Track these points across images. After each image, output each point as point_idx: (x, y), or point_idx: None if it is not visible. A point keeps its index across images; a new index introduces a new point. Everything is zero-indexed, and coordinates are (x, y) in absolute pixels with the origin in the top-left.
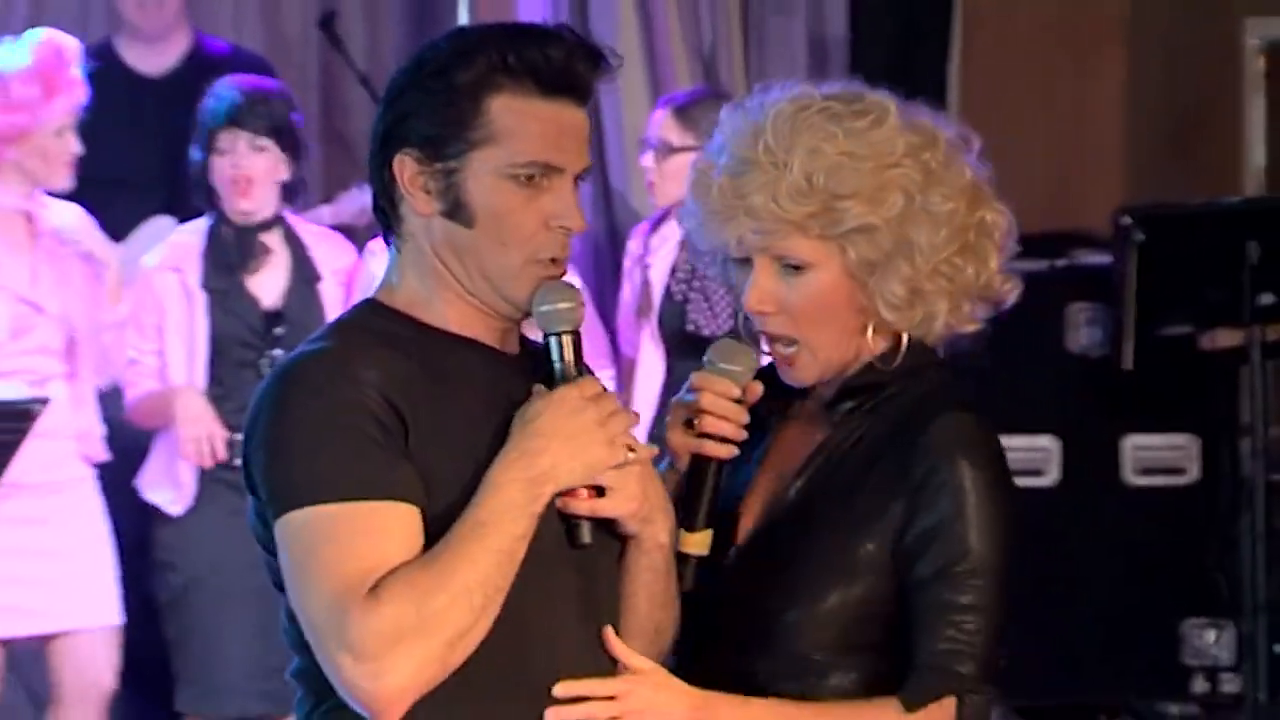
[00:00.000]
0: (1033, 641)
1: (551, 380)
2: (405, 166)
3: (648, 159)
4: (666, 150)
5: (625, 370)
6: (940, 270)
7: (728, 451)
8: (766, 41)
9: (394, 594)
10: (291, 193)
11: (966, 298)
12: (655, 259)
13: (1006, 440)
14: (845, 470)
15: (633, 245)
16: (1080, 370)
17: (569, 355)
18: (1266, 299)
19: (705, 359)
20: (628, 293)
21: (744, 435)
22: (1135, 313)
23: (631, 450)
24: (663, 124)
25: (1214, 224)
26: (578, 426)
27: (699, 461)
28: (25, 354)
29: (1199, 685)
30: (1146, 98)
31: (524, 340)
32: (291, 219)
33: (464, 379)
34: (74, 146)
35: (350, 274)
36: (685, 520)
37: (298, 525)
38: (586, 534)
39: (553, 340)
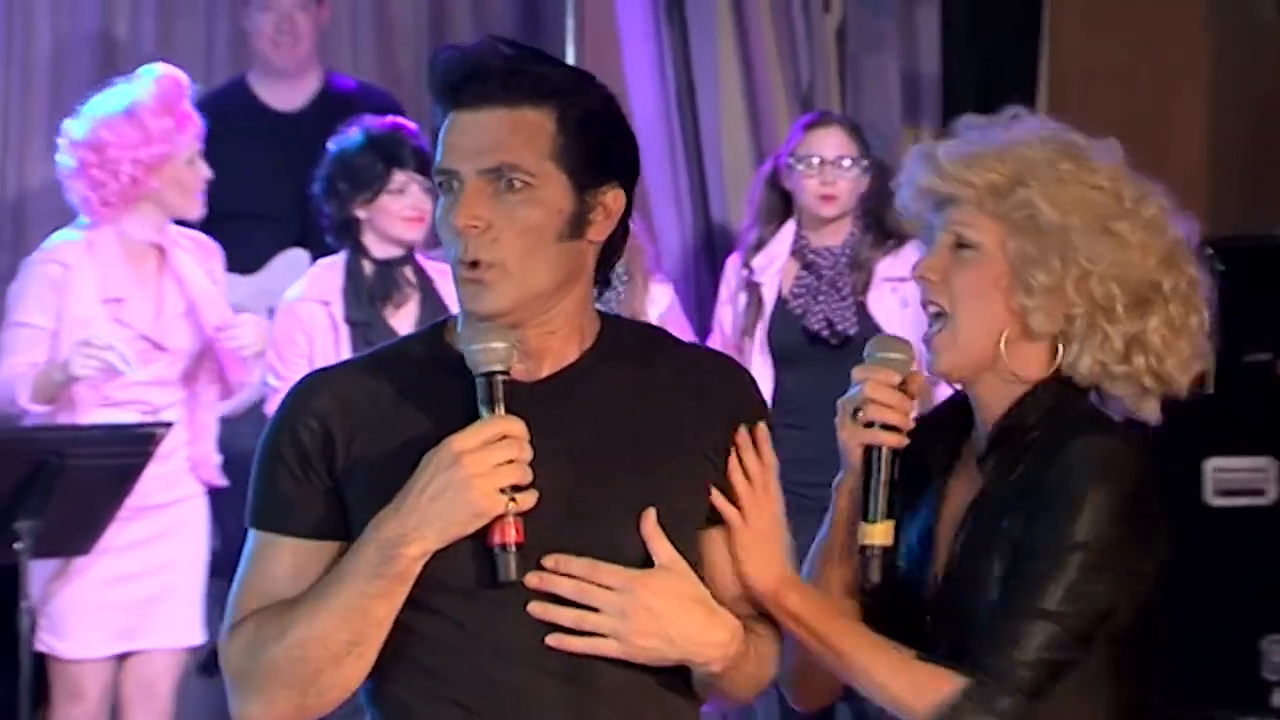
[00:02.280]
0: None
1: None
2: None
3: (821, 176)
4: (844, 164)
5: None
6: (1094, 294)
7: (897, 439)
8: (861, 78)
9: (241, 634)
10: None
11: (1121, 350)
12: (765, 277)
13: None
14: (998, 520)
15: (730, 272)
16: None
17: (487, 396)
18: None
19: (865, 352)
20: (728, 318)
21: (911, 423)
22: (1217, 339)
23: (514, 499)
24: (838, 141)
25: None
26: (447, 481)
27: (871, 452)
28: (140, 385)
29: (1279, 700)
30: (1229, 131)
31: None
32: (417, 256)
33: (443, 405)
34: (205, 174)
35: None
36: (865, 512)
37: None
38: (511, 571)
39: (479, 381)
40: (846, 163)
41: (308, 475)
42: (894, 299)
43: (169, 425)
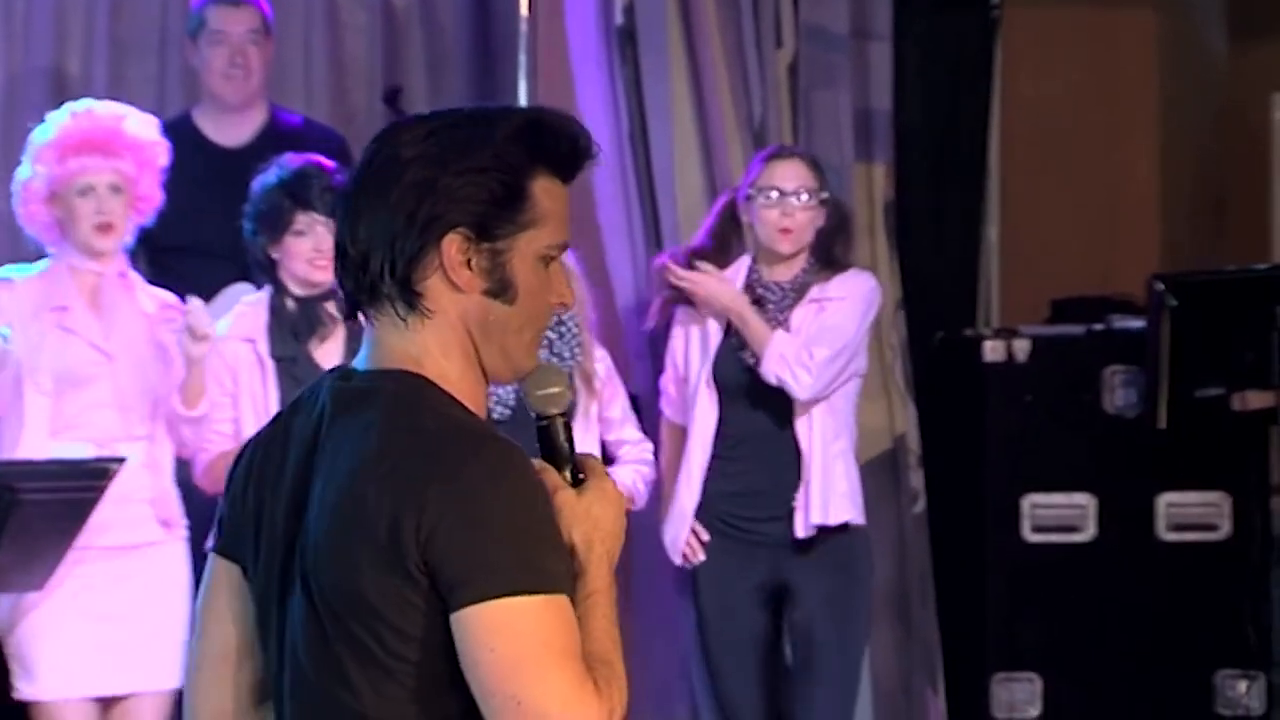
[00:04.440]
0: (1070, 692)
1: (553, 459)
2: (453, 246)
3: (780, 208)
4: (802, 196)
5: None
6: None
7: None
8: (813, 114)
9: (606, 691)
10: None
11: None
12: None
13: (1046, 497)
14: None
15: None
16: (1116, 430)
17: (563, 437)
18: None
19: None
20: (680, 354)
21: None
22: (1169, 375)
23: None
24: (797, 174)
25: (1245, 290)
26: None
27: None
28: (89, 409)
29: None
30: (1180, 169)
31: None
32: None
33: None
34: (98, 207)
35: None
36: None
37: (527, 609)
38: None
39: (558, 422)
40: (805, 196)
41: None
42: (815, 317)
43: (122, 460)
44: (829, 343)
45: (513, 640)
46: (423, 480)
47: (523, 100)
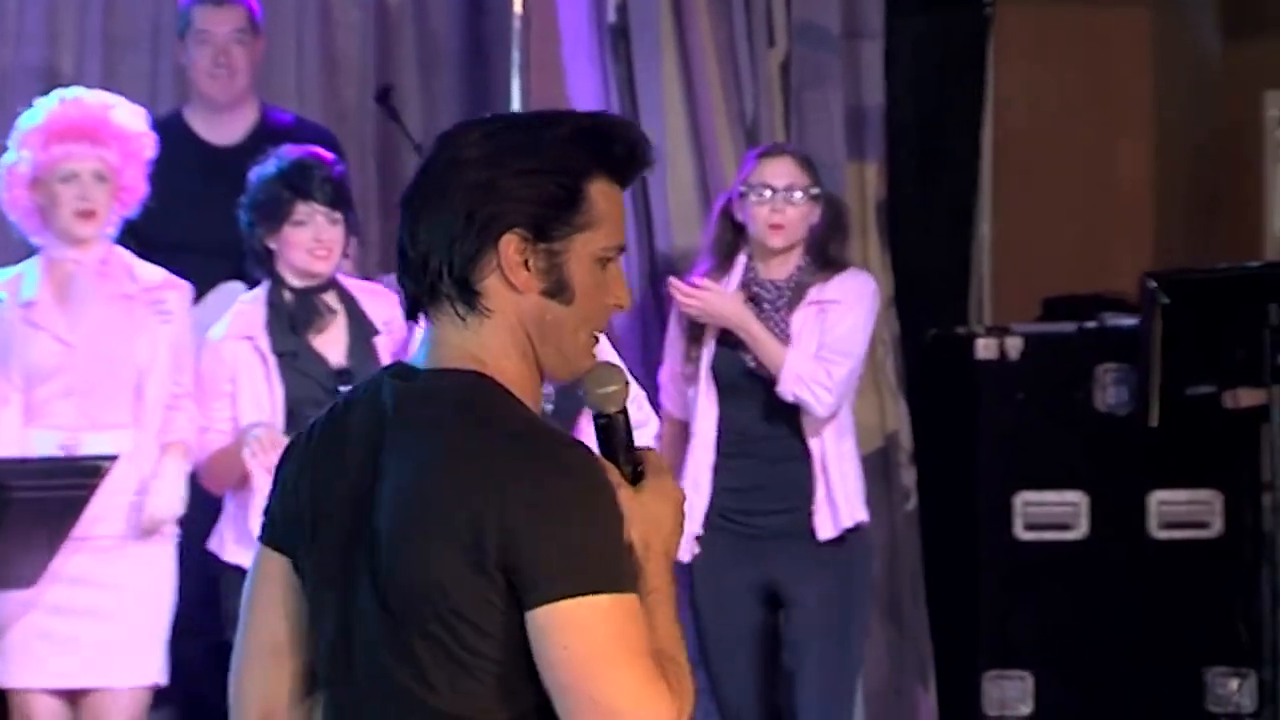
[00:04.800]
0: (1061, 689)
1: (612, 456)
2: (511, 246)
3: (771, 205)
4: (794, 194)
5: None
6: None
7: None
8: (805, 112)
9: (676, 689)
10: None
11: None
12: None
13: (1037, 495)
14: None
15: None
16: (1108, 428)
17: (623, 434)
18: None
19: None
20: (678, 349)
21: None
22: (1161, 373)
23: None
24: (789, 171)
25: (1236, 288)
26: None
27: None
28: (54, 400)
29: None
30: (1172, 167)
31: None
32: (339, 277)
33: None
34: (80, 193)
35: (401, 325)
36: None
37: (601, 608)
38: None
39: (618, 419)
40: (797, 194)
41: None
42: (816, 320)
43: (114, 458)
44: (842, 355)
45: (587, 639)
46: (501, 480)
47: (515, 97)
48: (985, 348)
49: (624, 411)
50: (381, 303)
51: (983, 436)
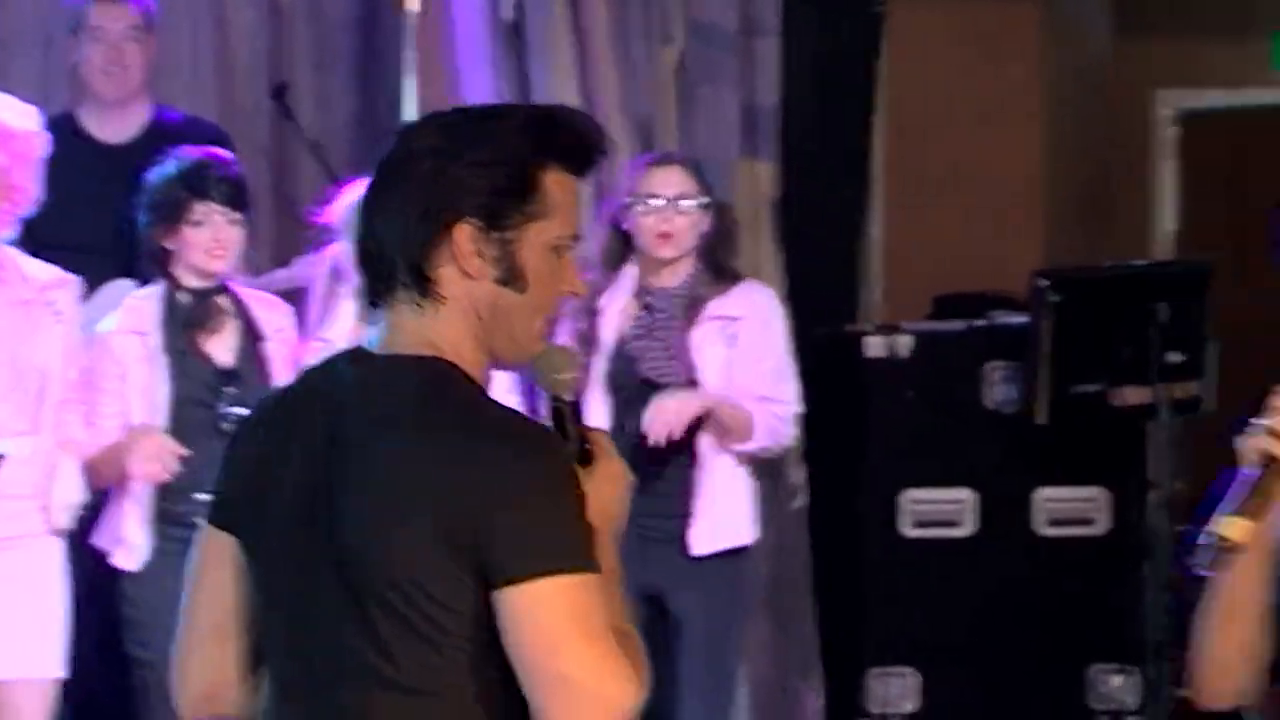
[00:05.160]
0: (946, 686)
1: (565, 438)
2: (463, 235)
3: (659, 215)
4: (682, 203)
5: None
6: None
7: None
8: (699, 110)
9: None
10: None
11: None
12: (605, 317)
13: (924, 493)
14: None
15: (567, 308)
16: (996, 426)
17: (572, 418)
18: (1174, 358)
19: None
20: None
21: None
22: (1049, 371)
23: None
24: (677, 180)
25: (1125, 286)
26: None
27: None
28: None
29: None
30: (1062, 166)
31: None
32: (231, 283)
33: None
34: None
35: (291, 334)
36: (1238, 510)
37: (567, 587)
38: None
39: (571, 402)
40: (686, 202)
41: None
42: (720, 336)
43: (2, 457)
44: (787, 393)
45: (554, 616)
46: (469, 462)
47: (409, 95)
48: (875, 346)
49: (576, 396)
50: (274, 311)
51: (872, 434)
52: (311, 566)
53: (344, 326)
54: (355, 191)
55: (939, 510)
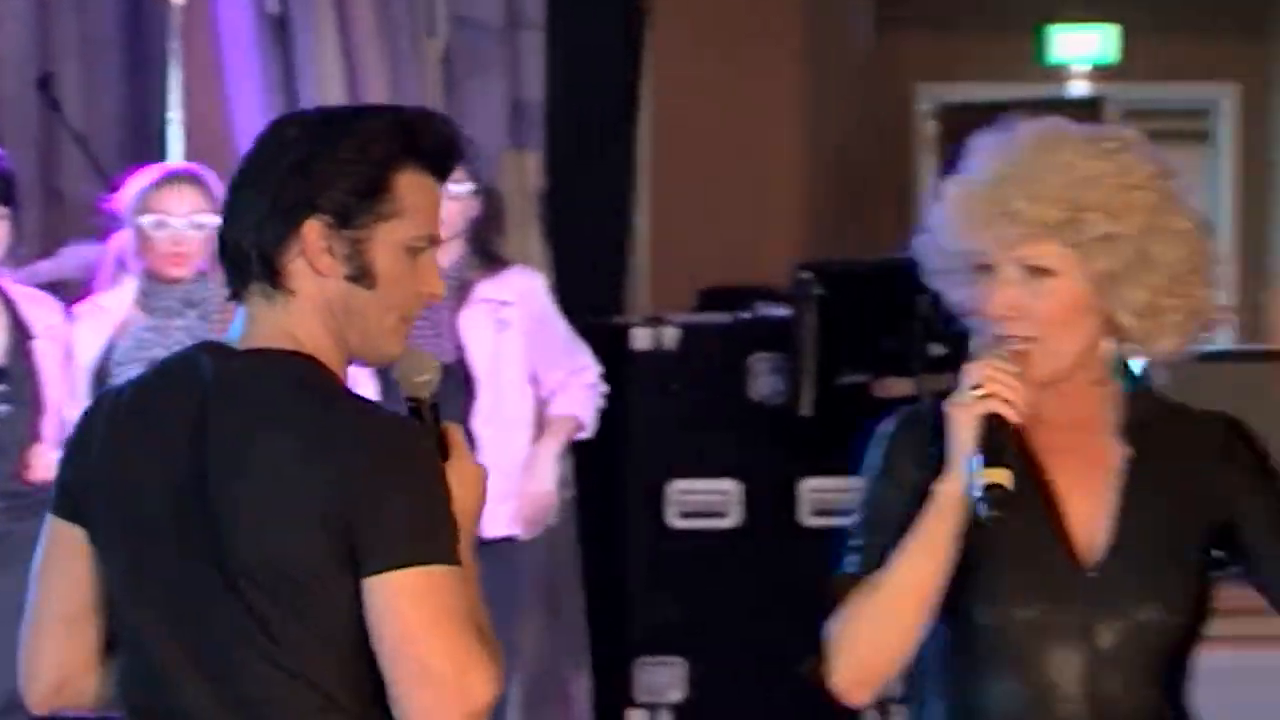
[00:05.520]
0: (712, 674)
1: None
2: (313, 231)
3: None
4: (453, 189)
5: None
6: (1177, 289)
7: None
8: (465, 102)
9: None
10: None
11: (1196, 318)
12: None
13: (690, 483)
14: (1154, 480)
15: None
16: (761, 417)
17: (430, 419)
18: (936, 350)
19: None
20: None
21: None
22: (813, 363)
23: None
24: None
25: (888, 279)
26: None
27: (991, 419)
28: None
29: (870, 715)
30: (824, 159)
31: None
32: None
33: None
34: None
35: (62, 331)
36: (988, 462)
37: (431, 578)
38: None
39: (426, 405)
40: (456, 187)
41: None
42: (490, 320)
43: None
44: (580, 356)
45: (417, 607)
46: (339, 456)
47: (175, 86)
48: (641, 338)
49: (434, 398)
50: (43, 308)
51: (638, 426)
52: (188, 555)
53: (124, 298)
54: (140, 180)
55: (705, 501)
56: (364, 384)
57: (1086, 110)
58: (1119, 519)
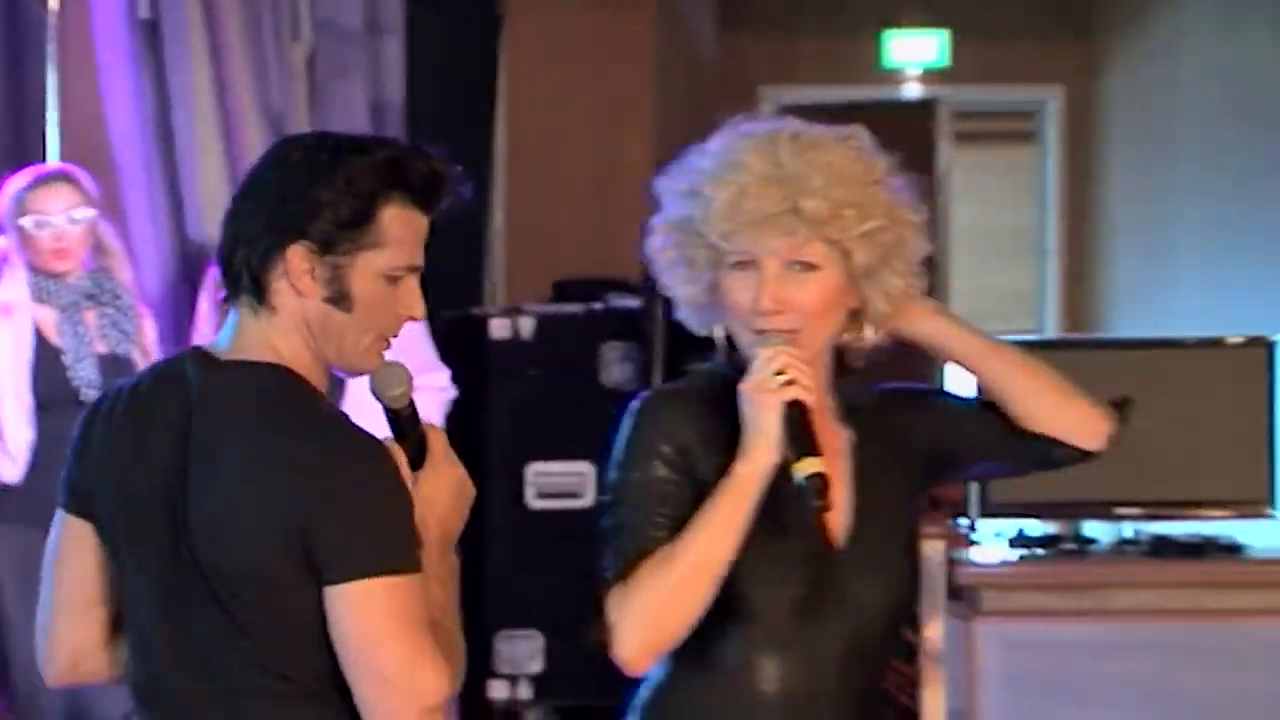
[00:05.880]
0: (568, 646)
1: (401, 441)
2: (297, 255)
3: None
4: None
5: None
6: (916, 276)
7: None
8: (329, 104)
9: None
10: None
11: (923, 301)
12: None
13: (547, 466)
14: (877, 460)
15: (210, 284)
16: (614, 403)
17: (408, 423)
18: None
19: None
20: (208, 328)
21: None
22: (662, 351)
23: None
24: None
25: None
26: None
27: (794, 408)
28: None
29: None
30: (671, 158)
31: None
32: None
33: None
34: None
35: None
36: (798, 454)
37: (387, 587)
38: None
39: (406, 416)
40: None
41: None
42: None
43: None
44: (433, 364)
45: (372, 615)
46: (303, 469)
47: (50, 91)
48: (499, 327)
49: (411, 404)
50: None
51: (497, 411)
52: (175, 555)
53: (19, 292)
54: (15, 184)
55: (561, 482)
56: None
57: (920, 112)
58: (856, 498)
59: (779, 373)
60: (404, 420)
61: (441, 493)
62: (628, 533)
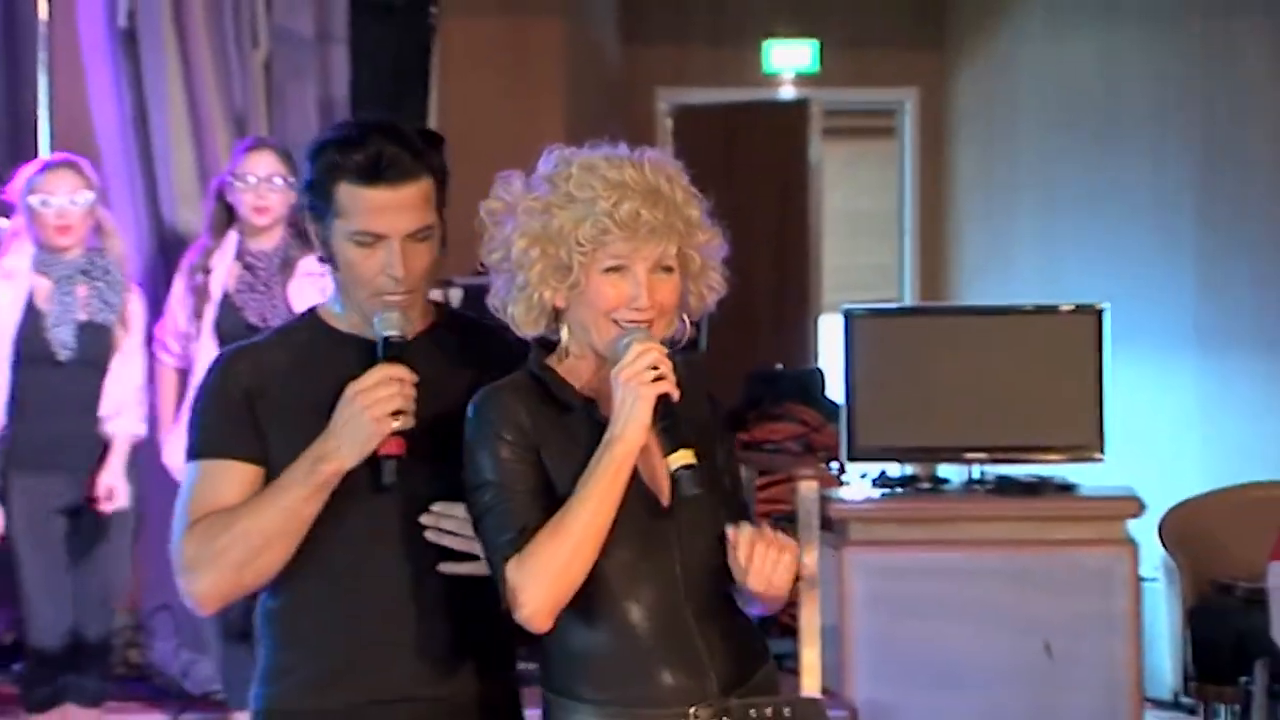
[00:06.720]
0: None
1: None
2: (309, 223)
3: (255, 191)
4: (275, 181)
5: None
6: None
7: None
8: (285, 103)
9: (195, 529)
10: None
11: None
12: (215, 275)
13: None
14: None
15: (184, 270)
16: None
17: (384, 353)
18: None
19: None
20: (181, 310)
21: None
22: None
23: (397, 418)
24: (269, 162)
25: None
26: (350, 414)
27: (664, 399)
28: None
29: None
30: None
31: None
32: None
33: (334, 366)
34: None
35: None
36: (673, 445)
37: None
38: (388, 475)
39: (380, 343)
40: (278, 180)
41: (237, 417)
42: (313, 289)
43: None
44: None
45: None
46: None
47: (42, 93)
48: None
49: (403, 337)
50: None
51: None
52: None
53: (23, 262)
54: (28, 170)
55: None
56: None
57: (796, 111)
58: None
59: (654, 368)
60: (393, 348)
61: (339, 418)
62: (500, 512)
